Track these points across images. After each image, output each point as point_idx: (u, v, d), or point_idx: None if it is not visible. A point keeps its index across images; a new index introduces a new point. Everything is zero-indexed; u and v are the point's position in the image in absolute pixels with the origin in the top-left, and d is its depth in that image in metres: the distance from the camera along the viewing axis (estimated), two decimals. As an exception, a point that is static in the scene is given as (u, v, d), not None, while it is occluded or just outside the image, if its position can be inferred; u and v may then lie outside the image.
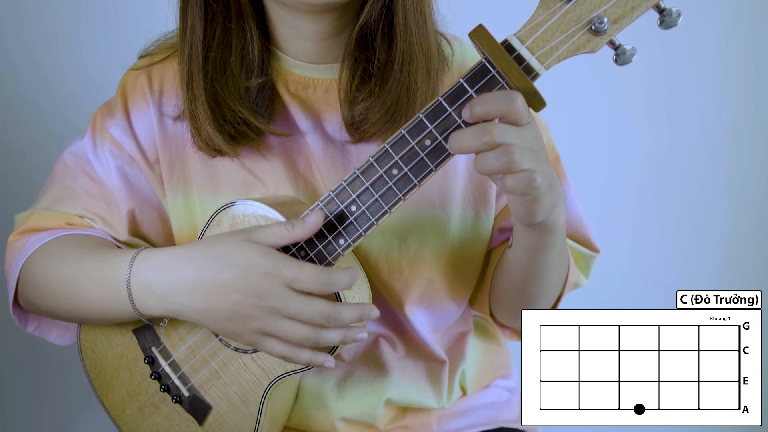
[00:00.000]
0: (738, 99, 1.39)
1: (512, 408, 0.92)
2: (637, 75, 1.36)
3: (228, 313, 0.67)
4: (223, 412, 0.77)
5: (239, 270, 0.66)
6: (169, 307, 0.70)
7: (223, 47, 0.76)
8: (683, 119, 1.40)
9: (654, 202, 1.44)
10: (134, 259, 0.73)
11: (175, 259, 0.70)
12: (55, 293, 0.78)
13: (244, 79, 0.76)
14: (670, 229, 1.45)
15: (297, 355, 0.68)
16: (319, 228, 0.67)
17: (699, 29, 1.33)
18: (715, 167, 1.42)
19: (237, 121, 0.75)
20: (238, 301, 0.66)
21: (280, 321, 0.66)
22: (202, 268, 0.67)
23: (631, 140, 1.40)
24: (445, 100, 0.61)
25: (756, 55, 1.37)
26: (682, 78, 1.38)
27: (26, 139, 1.29)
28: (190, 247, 0.71)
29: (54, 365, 1.35)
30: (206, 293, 0.67)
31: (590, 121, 1.38)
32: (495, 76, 0.60)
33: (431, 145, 0.62)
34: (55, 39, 1.26)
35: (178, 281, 0.69)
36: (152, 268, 0.71)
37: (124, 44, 0.88)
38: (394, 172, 0.63)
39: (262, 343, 0.68)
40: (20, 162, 1.29)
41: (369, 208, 0.65)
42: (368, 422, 0.83)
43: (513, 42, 0.59)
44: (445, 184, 0.80)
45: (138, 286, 0.72)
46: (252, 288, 0.65)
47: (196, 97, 0.75)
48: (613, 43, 0.59)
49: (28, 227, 0.83)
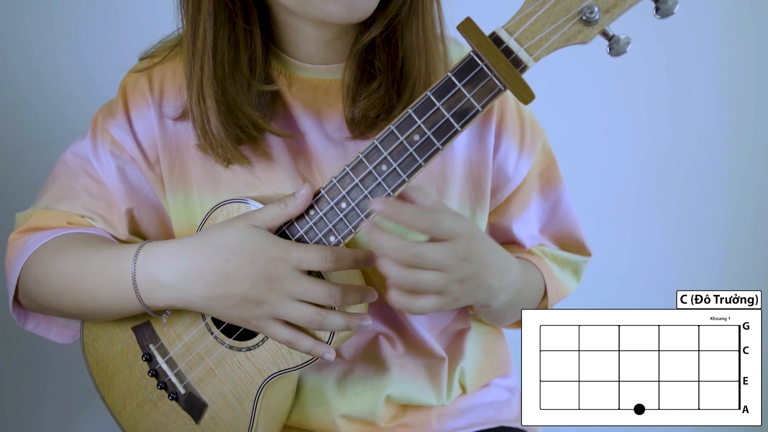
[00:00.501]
0: (739, 98, 1.39)
1: (512, 407, 0.92)
2: (636, 74, 1.36)
3: (239, 299, 0.68)
4: (218, 410, 0.77)
5: (249, 256, 0.67)
6: (178, 297, 0.71)
7: (232, 49, 0.75)
8: (683, 119, 1.40)
9: (654, 202, 1.44)
10: (139, 251, 0.73)
11: (182, 248, 0.71)
12: (59, 289, 0.78)
13: (254, 81, 0.76)
14: (670, 229, 1.45)
15: (300, 341, 0.70)
16: (311, 201, 0.68)
17: (699, 28, 1.33)
18: (715, 167, 1.42)
19: (246, 123, 0.76)
20: (249, 286, 0.67)
21: (289, 303, 0.68)
22: (211, 256, 0.68)
23: (630, 140, 1.40)
24: (434, 94, 0.61)
25: (757, 53, 1.37)
26: (682, 77, 1.37)
27: (26, 139, 1.29)
28: (194, 237, 0.71)
29: (54, 365, 1.35)
30: (217, 281, 0.68)
31: (590, 120, 1.38)
32: (483, 69, 0.59)
33: (420, 141, 0.62)
34: (54, 40, 1.26)
35: (186, 270, 0.70)
36: (159, 259, 0.72)
37: (123, 45, 0.88)
38: (383, 167, 0.63)
39: (268, 328, 0.70)
40: (20, 162, 1.29)
41: (359, 204, 0.65)
42: (368, 419, 0.83)
43: (501, 34, 0.58)
44: (443, 184, 0.80)
45: (144, 278, 0.72)
46: (262, 273, 0.67)
47: (206, 98, 0.75)
48: (607, 34, 0.58)
49: (29, 226, 0.83)
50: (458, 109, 0.60)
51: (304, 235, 0.67)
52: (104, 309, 0.77)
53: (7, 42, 1.26)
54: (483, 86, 0.59)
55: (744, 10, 1.35)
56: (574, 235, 0.89)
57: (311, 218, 0.67)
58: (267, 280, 0.67)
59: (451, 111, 0.60)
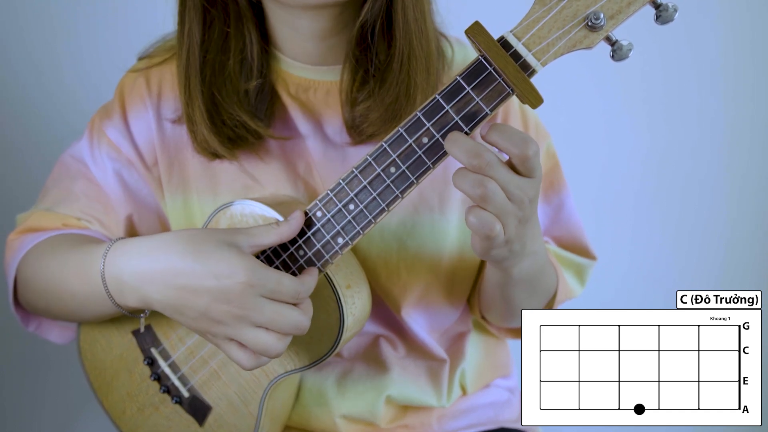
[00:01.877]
0: (738, 98, 1.39)
1: (512, 408, 0.92)
2: (636, 74, 1.36)
3: (196, 314, 0.65)
4: (223, 412, 0.77)
5: (215, 275, 0.63)
6: (141, 298, 0.68)
7: (221, 50, 0.75)
8: (683, 119, 1.40)
9: (654, 202, 1.44)
10: (108, 250, 0.70)
11: (149, 249, 0.67)
12: (45, 289, 0.78)
13: (243, 82, 0.76)
14: (670, 229, 1.45)
15: (255, 365, 0.66)
16: (301, 227, 0.66)
17: (698, 27, 1.33)
18: (715, 167, 1.42)
19: (235, 124, 0.75)
20: (207, 303, 0.63)
21: (248, 330, 0.64)
22: (174, 259, 0.64)
23: (630, 140, 1.40)
24: (443, 97, 0.61)
25: (755, 53, 1.37)
26: (682, 77, 1.37)
27: (26, 139, 1.29)
28: (164, 235, 0.68)
29: (54, 365, 1.35)
30: (176, 288, 0.64)
31: (590, 121, 1.38)
32: (492, 72, 0.60)
33: (428, 143, 0.62)
34: (54, 39, 1.26)
35: (149, 271, 0.66)
36: (125, 258, 0.69)
37: (124, 45, 0.88)
38: (391, 170, 0.63)
39: (225, 347, 0.66)
40: (20, 162, 1.29)
41: (367, 206, 0.65)
42: (369, 420, 0.83)
43: (509, 39, 0.59)
44: (445, 188, 0.80)
45: (112, 277, 0.69)
46: (224, 294, 0.63)
47: (194, 100, 0.75)
48: (610, 39, 0.59)
49: (26, 227, 0.83)
50: (467, 113, 0.61)
51: (311, 236, 0.67)
52: (85, 308, 0.76)
53: (8, 42, 1.26)
54: (491, 90, 0.60)
55: (741, 10, 1.35)
56: (578, 239, 0.89)
57: (318, 220, 0.67)
58: (227, 302, 0.63)
59: (460, 114, 0.61)
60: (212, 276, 0.63)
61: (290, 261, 0.68)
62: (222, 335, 0.65)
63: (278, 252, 0.69)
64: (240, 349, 0.65)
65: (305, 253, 0.68)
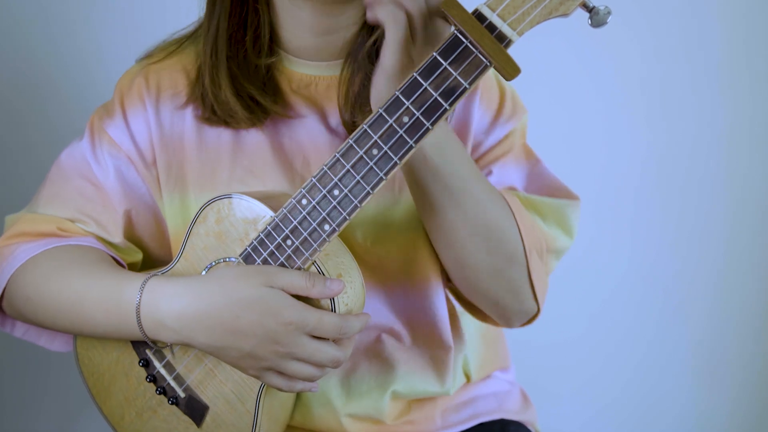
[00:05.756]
0: (737, 97, 1.39)
1: (514, 399, 0.92)
2: (635, 74, 1.37)
3: (242, 353, 0.69)
4: (220, 411, 0.76)
5: (260, 317, 0.67)
6: (181, 339, 0.71)
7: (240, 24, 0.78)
8: (682, 118, 1.40)
9: (653, 201, 1.43)
10: (144, 287, 0.72)
11: (190, 291, 0.70)
12: (54, 312, 0.78)
13: (255, 57, 0.78)
14: (669, 228, 1.44)
15: (293, 387, 0.71)
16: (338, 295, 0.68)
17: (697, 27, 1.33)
18: (714, 166, 1.42)
19: (249, 95, 0.78)
20: (255, 344, 0.67)
21: (290, 362, 0.69)
22: (221, 308, 0.68)
23: (629, 140, 1.41)
24: (420, 75, 0.61)
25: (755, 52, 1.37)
26: (681, 76, 1.38)
27: (26, 139, 1.30)
28: (205, 282, 0.70)
29: (54, 365, 1.35)
30: (223, 333, 0.68)
31: (589, 120, 1.38)
32: (468, 46, 0.60)
33: (409, 122, 0.62)
34: (55, 39, 1.27)
35: (193, 318, 0.69)
36: (165, 300, 0.71)
37: (126, 45, 0.89)
38: (374, 152, 0.63)
39: (265, 377, 0.70)
40: (20, 162, 1.30)
41: (351, 190, 0.65)
42: (375, 417, 0.83)
43: (483, 11, 0.59)
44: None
45: (149, 317, 0.71)
46: (271, 335, 0.67)
47: (220, 63, 0.77)
48: (587, 5, 0.59)
49: (17, 231, 0.82)
50: (446, 88, 0.61)
51: (298, 225, 0.67)
52: (104, 335, 0.77)
53: (8, 42, 1.27)
54: (469, 64, 0.60)
55: (742, 8, 1.35)
56: (554, 183, 0.84)
57: (304, 208, 0.67)
58: (274, 342, 0.67)
59: (438, 90, 0.61)
60: (257, 318, 0.67)
61: (277, 251, 0.68)
62: (264, 368, 0.70)
63: (265, 243, 0.69)
64: (279, 377, 0.70)
65: (292, 242, 0.68)
